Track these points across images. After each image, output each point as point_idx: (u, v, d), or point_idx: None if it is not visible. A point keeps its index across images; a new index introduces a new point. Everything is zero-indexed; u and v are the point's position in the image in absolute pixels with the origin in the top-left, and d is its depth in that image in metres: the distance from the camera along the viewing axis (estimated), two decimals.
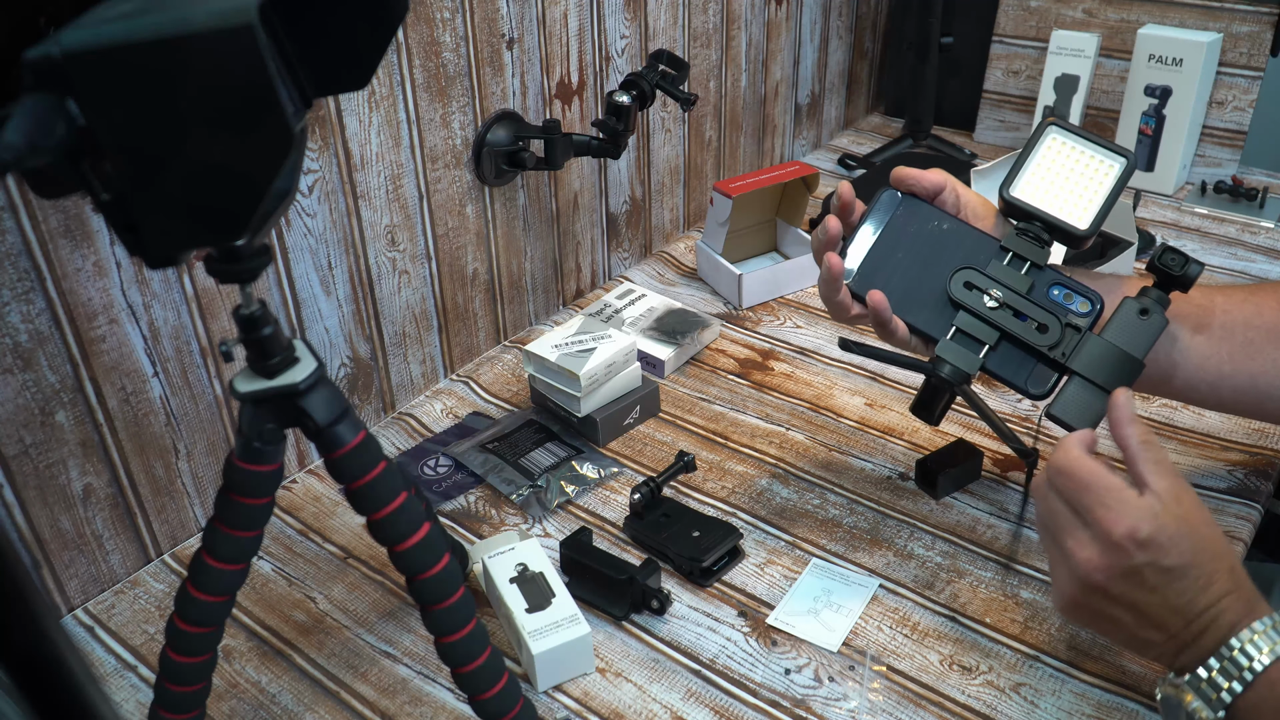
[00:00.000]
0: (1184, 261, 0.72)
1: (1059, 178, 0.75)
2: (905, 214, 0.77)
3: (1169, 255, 0.72)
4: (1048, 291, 0.73)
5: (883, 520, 0.87)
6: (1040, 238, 0.74)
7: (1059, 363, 0.72)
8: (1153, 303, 0.72)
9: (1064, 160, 0.75)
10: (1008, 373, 0.73)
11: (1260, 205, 1.36)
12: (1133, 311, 0.72)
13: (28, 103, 0.42)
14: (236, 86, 0.44)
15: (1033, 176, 0.75)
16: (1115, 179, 0.74)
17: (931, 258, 0.75)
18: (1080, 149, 0.75)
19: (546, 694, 0.73)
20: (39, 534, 0.77)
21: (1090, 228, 0.73)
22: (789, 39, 1.45)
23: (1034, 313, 0.73)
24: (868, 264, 0.76)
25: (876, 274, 0.75)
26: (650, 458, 0.96)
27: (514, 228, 1.09)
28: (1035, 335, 0.72)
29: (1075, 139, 0.75)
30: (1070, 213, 0.74)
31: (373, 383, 1.00)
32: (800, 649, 0.76)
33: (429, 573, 0.59)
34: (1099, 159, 0.75)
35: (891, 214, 0.77)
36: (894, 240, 0.76)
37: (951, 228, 0.76)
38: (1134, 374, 0.71)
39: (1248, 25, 1.36)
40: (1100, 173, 0.74)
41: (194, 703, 0.63)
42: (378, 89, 0.90)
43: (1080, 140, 0.75)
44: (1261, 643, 0.58)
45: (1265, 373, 0.76)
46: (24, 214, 0.69)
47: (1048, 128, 0.76)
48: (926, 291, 0.74)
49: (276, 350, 0.55)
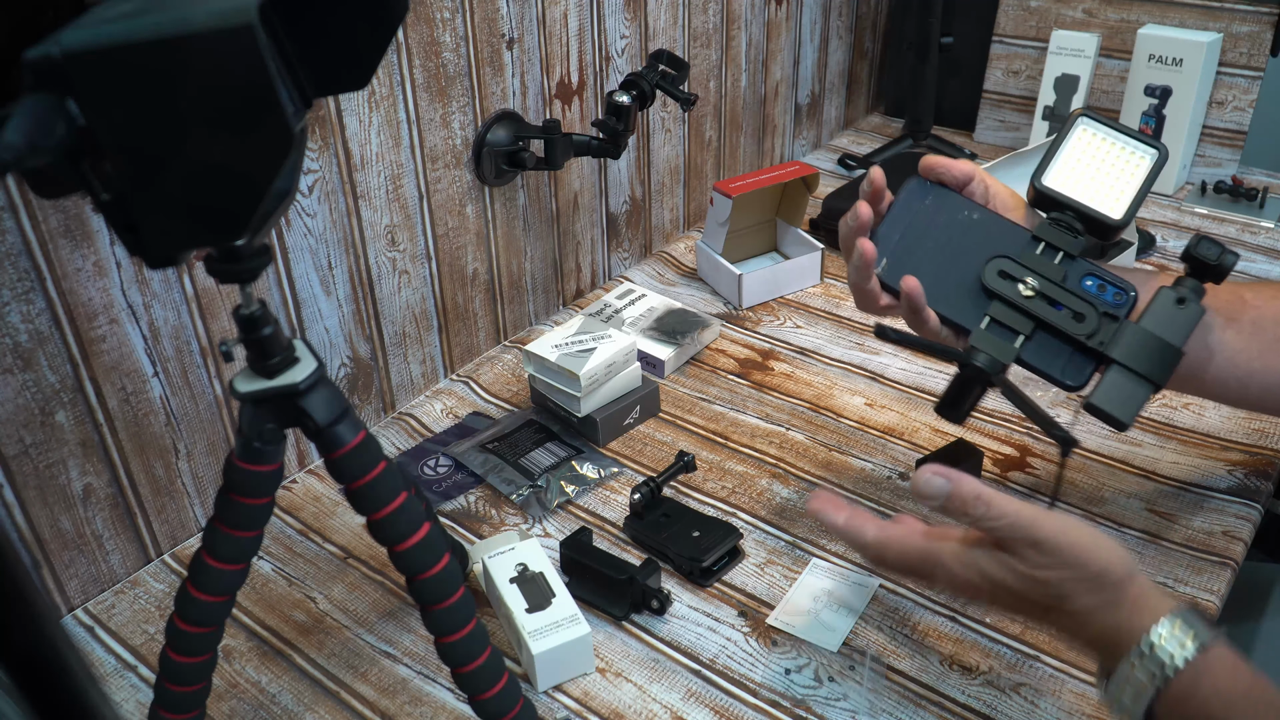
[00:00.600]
0: (1220, 251, 0.71)
1: (1091, 168, 0.74)
2: (935, 203, 0.76)
3: (1205, 245, 0.71)
4: (1081, 282, 0.72)
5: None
6: (1073, 227, 0.73)
7: (1098, 352, 0.70)
8: (1189, 291, 0.71)
9: (1095, 151, 0.74)
10: (1043, 364, 0.71)
11: (1260, 205, 1.36)
12: (1170, 300, 0.71)
13: (28, 103, 0.42)
14: (236, 86, 0.44)
15: (1064, 166, 0.74)
16: (1148, 170, 0.73)
17: (962, 247, 0.74)
18: (1111, 140, 0.75)
19: (546, 694, 0.73)
20: (39, 534, 0.77)
21: (1124, 217, 0.72)
22: (789, 39, 1.45)
23: (1070, 301, 0.71)
24: (898, 252, 0.75)
25: (907, 263, 0.74)
26: (650, 458, 0.96)
27: (514, 228, 1.09)
28: (1072, 324, 0.71)
29: (1106, 130, 0.75)
30: (1103, 202, 0.73)
31: (373, 383, 1.00)
32: (800, 649, 0.76)
33: (429, 573, 0.59)
34: (1130, 150, 0.74)
35: (921, 203, 0.76)
36: (923, 229, 0.75)
37: (982, 217, 0.75)
38: (1173, 362, 0.70)
39: (1248, 25, 1.36)
40: (1132, 164, 0.74)
41: (194, 703, 0.63)
42: (378, 89, 0.90)
43: (1111, 131, 0.75)
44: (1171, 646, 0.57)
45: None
46: (24, 214, 0.69)
47: (1079, 119, 0.75)
48: (957, 281, 0.73)
49: (276, 350, 0.55)
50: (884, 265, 0.75)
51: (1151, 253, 1.27)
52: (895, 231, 0.75)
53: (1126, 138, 0.74)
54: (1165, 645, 0.56)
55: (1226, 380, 0.77)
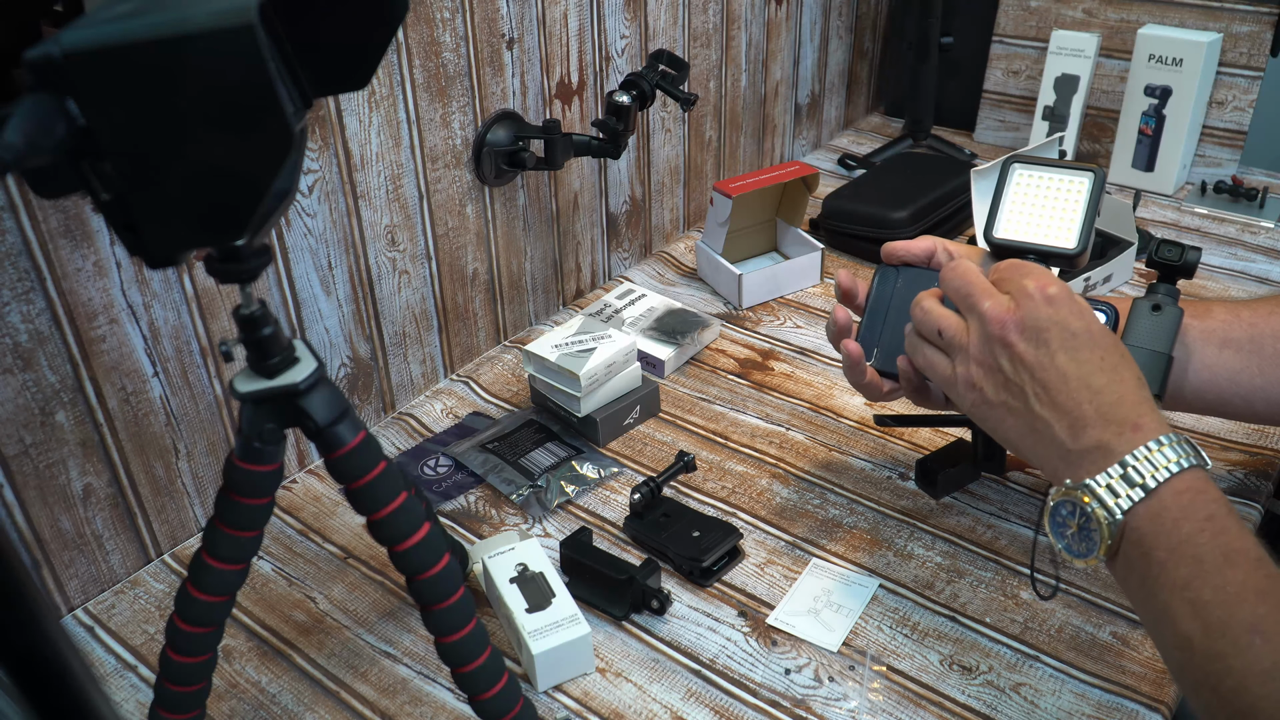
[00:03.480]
0: (1181, 250, 0.74)
1: (1035, 208, 0.76)
2: (905, 284, 0.80)
3: (1165, 247, 0.75)
4: None
5: (883, 520, 0.87)
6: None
7: None
8: (1163, 296, 0.74)
9: (1035, 191, 0.76)
10: None
11: (1260, 205, 1.36)
12: (1145, 310, 0.73)
13: (28, 103, 0.42)
14: (236, 86, 0.44)
15: (1011, 214, 0.76)
16: (1088, 193, 0.75)
17: None
18: (1047, 176, 0.76)
19: (546, 694, 0.73)
20: (39, 534, 0.77)
21: (1079, 244, 0.74)
22: (789, 39, 1.45)
23: None
24: (885, 340, 0.80)
25: (896, 347, 0.78)
26: (650, 458, 0.96)
27: (514, 228, 1.09)
28: None
29: (1039, 169, 0.76)
30: (1056, 237, 0.74)
31: (373, 383, 1.00)
32: (800, 649, 0.76)
33: (429, 573, 0.59)
34: (1068, 179, 0.76)
35: (893, 287, 0.81)
36: (901, 310, 0.79)
37: None
38: (1165, 369, 0.72)
39: (1248, 25, 1.36)
40: (1072, 191, 0.75)
41: (194, 703, 0.63)
42: (378, 89, 0.90)
43: (1044, 169, 0.76)
44: (1169, 453, 0.58)
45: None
46: (24, 214, 0.69)
47: (1011, 166, 0.77)
48: None
49: (276, 350, 0.55)
50: (876, 356, 0.80)
51: (1148, 250, 1.27)
52: (877, 322, 0.81)
53: (1060, 170, 0.76)
54: (1168, 450, 0.58)
55: (1230, 399, 0.78)
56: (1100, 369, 0.62)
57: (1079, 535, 0.60)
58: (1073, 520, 0.60)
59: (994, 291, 0.66)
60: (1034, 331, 0.63)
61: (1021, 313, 0.63)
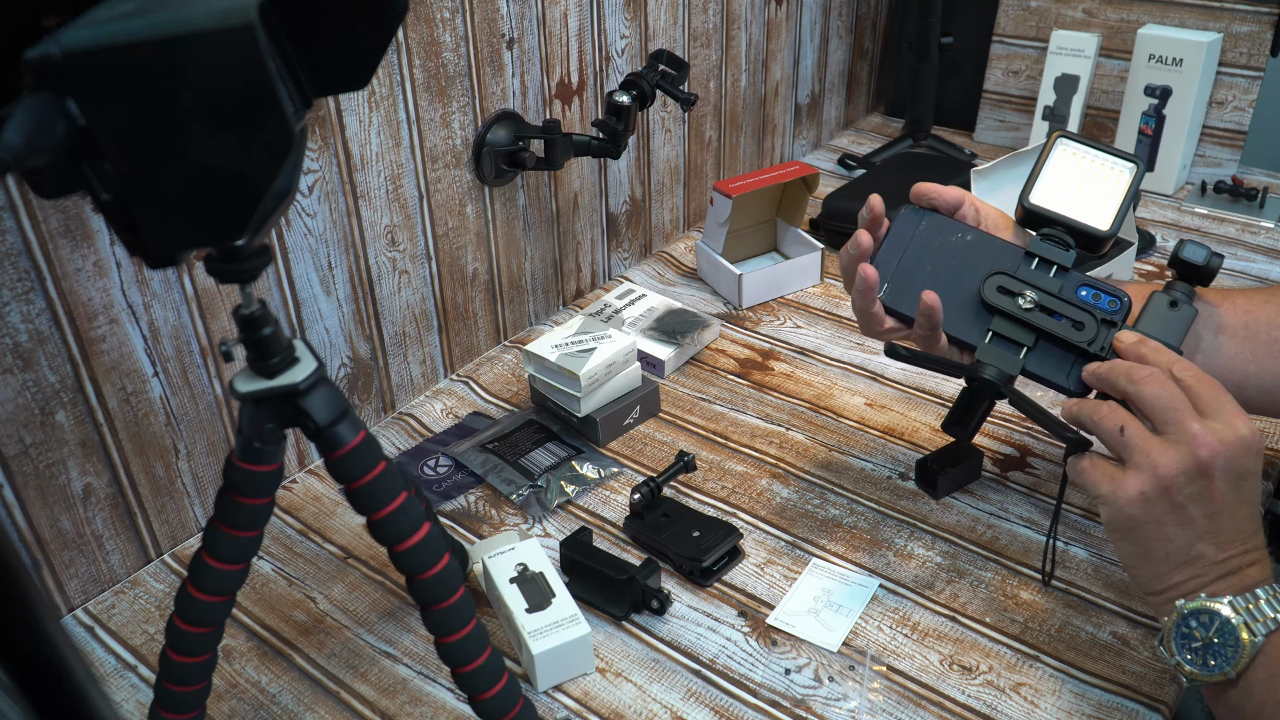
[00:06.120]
0: (1207, 254, 0.74)
1: (1074, 184, 0.77)
2: (929, 228, 0.79)
3: (1191, 248, 0.74)
4: (1076, 292, 0.75)
5: (883, 520, 0.87)
6: (1064, 241, 0.76)
7: (1100, 357, 0.73)
8: (1180, 295, 0.74)
9: (1077, 168, 0.77)
10: (1047, 372, 0.74)
11: (1260, 205, 1.36)
12: (1163, 304, 0.74)
13: (28, 103, 0.42)
14: (236, 86, 0.44)
15: (1049, 185, 0.77)
16: (1129, 183, 0.76)
17: (959, 268, 0.77)
18: (1091, 156, 0.77)
19: (546, 694, 0.73)
20: (39, 534, 0.77)
21: (1112, 228, 0.75)
22: (789, 39, 1.45)
23: (1068, 311, 0.74)
24: (898, 277, 0.78)
25: (908, 287, 0.77)
26: (650, 458, 0.96)
27: (514, 228, 1.09)
28: (1072, 333, 0.73)
29: (1085, 148, 0.78)
30: (1090, 215, 0.76)
31: (373, 383, 1.00)
32: (800, 649, 0.76)
33: (429, 573, 0.59)
34: (1111, 165, 0.77)
35: (915, 228, 0.79)
36: (920, 253, 0.78)
37: (975, 239, 0.78)
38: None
39: (1248, 25, 1.36)
40: (1114, 177, 0.77)
41: (194, 703, 0.63)
42: (378, 89, 0.90)
43: (1090, 149, 0.77)
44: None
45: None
46: (24, 214, 0.69)
47: (1058, 139, 0.78)
48: (958, 301, 0.76)
49: (276, 350, 0.55)
50: (885, 290, 0.77)
51: (1152, 253, 1.27)
52: (893, 257, 0.78)
53: (1106, 154, 0.77)
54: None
55: (1224, 385, 0.78)
56: (1258, 519, 0.64)
57: (1206, 649, 0.61)
58: (1204, 634, 0.61)
59: (1208, 424, 0.64)
60: (1235, 476, 0.63)
61: (1230, 451, 0.62)
